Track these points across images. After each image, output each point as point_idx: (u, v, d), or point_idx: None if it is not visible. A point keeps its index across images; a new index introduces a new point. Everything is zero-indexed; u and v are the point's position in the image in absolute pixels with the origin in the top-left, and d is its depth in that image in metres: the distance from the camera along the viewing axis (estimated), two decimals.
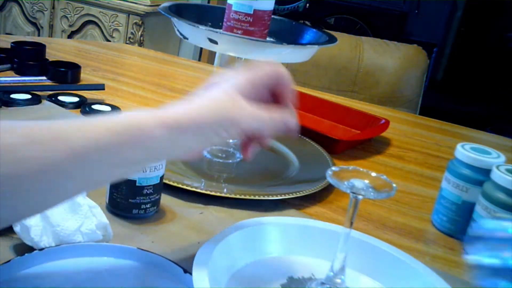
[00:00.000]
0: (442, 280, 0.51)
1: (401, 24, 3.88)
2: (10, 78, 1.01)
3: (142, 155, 0.39)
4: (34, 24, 2.64)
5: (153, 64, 1.36)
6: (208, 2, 2.74)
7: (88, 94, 0.97)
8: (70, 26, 2.55)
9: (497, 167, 0.61)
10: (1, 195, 0.32)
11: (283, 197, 0.67)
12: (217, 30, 0.70)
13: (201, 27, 0.66)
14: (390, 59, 1.48)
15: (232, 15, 0.70)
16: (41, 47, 1.10)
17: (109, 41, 2.45)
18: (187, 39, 0.71)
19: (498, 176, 0.60)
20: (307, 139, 0.89)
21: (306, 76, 1.49)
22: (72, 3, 2.51)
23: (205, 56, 2.81)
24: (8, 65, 1.06)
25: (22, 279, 0.45)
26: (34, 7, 2.61)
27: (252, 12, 0.69)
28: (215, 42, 0.67)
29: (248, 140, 0.50)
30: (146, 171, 0.57)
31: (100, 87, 0.99)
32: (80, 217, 0.50)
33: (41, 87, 0.98)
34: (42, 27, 2.62)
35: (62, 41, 1.51)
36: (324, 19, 3.68)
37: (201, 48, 2.76)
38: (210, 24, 0.77)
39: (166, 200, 0.63)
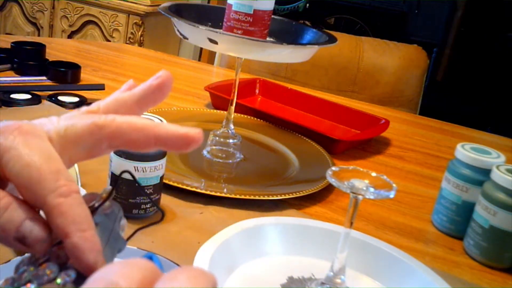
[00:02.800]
0: (441, 280, 0.51)
1: (401, 24, 3.87)
2: (10, 78, 1.01)
3: None
4: (34, 24, 2.64)
5: (153, 64, 1.36)
6: (208, 2, 2.74)
7: (88, 94, 0.97)
8: (70, 26, 2.55)
9: (497, 167, 0.61)
10: None
11: (283, 197, 0.67)
12: (217, 30, 0.70)
13: (201, 27, 0.66)
14: (390, 59, 1.48)
15: (232, 15, 0.70)
16: (41, 47, 1.10)
17: (109, 41, 2.45)
18: (187, 39, 0.71)
19: (498, 176, 0.60)
20: (307, 139, 0.89)
21: (306, 76, 1.49)
22: (72, 3, 2.51)
23: (205, 56, 2.81)
24: (8, 65, 1.06)
25: None
26: (34, 7, 2.61)
27: (252, 12, 0.69)
28: (215, 42, 0.67)
29: None
30: (146, 171, 0.57)
31: (100, 87, 0.99)
32: None
33: (41, 87, 0.98)
34: (42, 27, 2.62)
35: (62, 41, 1.51)
36: (324, 19, 3.68)
37: (201, 48, 2.76)
38: (210, 24, 0.77)
39: (166, 200, 0.63)
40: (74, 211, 0.26)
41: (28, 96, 0.90)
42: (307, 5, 3.47)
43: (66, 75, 1.05)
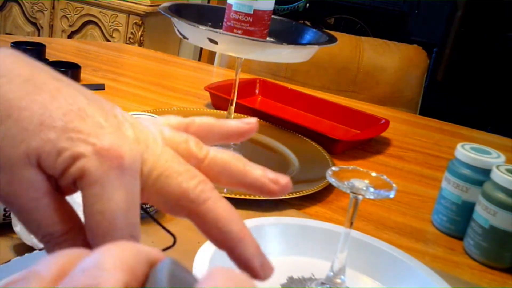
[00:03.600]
0: (442, 280, 0.51)
1: (401, 24, 3.87)
2: None
3: None
4: (34, 24, 2.64)
5: (153, 64, 1.36)
6: (208, 2, 2.74)
7: None
8: (70, 26, 2.55)
9: (497, 167, 0.61)
10: None
11: (283, 197, 0.67)
12: (217, 30, 0.70)
13: (201, 27, 0.66)
14: (390, 59, 1.48)
15: (232, 15, 0.70)
16: (41, 47, 1.10)
17: (109, 41, 2.45)
18: (187, 39, 0.71)
19: (498, 176, 0.60)
20: (307, 139, 0.89)
21: (306, 76, 1.49)
22: (72, 3, 2.51)
23: (205, 56, 2.81)
24: None
25: None
26: (34, 7, 2.61)
27: (252, 12, 0.69)
28: (215, 42, 0.67)
29: None
30: None
31: (100, 87, 0.99)
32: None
33: None
34: (42, 27, 2.62)
35: (62, 41, 1.51)
36: (324, 19, 3.68)
37: (201, 48, 2.76)
38: (210, 24, 0.77)
39: None
40: None
41: None
42: (307, 5, 3.47)
43: (66, 75, 1.04)
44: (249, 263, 0.27)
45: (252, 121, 0.34)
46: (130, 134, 0.27)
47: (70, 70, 1.05)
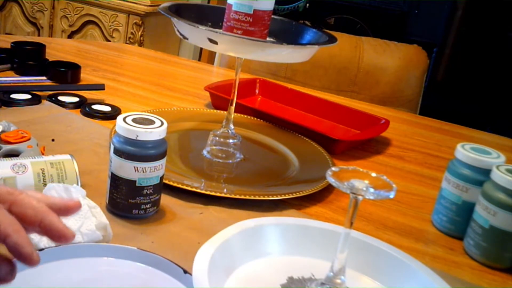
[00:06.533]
0: (442, 280, 0.51)
1: (401, 24, 3.87)
2: (10, 78, 1.01)
3: None
4: (34, 24, 2.64)
5: (153, 64, 1.36)
6: (208, 2, 2.74)
7: (88, 94, 0.97)
8: (70, 26, 2.55)
9: (497, 167, 0.61)
10: None
11: (283, 197, 0.67)
12: (217, 30, 0.70)
13: (201, 27, 0.66)
14: (390, 59, 1.48)
15: (232, 15, 0.70)
16: (41, 47, 1.10)
17: (109, 41, 2.45)
18: (187, 39, 0.71)
19: (498, 176, 0.60)
20: (307, 139, 0.89)
21: (306, 76, 1.49)
22: (72, 3, 2.51)
23: (205, 56, 2.81)
24: (8, 65, 1.06)
25: (22, 279, 0.45)
26: (34, 7, 2.60)
27: (252, 12, 0.69)
28: (215, 42, 0.67)
29: None
30: (146, 171, 0.57)
31: (100, 87, 0.99)
32: (80, 217, 0.50)
33: (41, 87, 0.98)
34: (42, 27, 2.62)
35: (62, 41, 1.51)
36: (324, 19, 3.68)
37: (201, 48, 2.76)
38: (210, 24, 0.77)
39: (166, 200, 0.63)
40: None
41: (28, 96, 0.90)
42: (307, 5, 3.47)
43: (66, 75, 1.05)
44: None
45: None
46: None
47: (70, 70, 1.05)
